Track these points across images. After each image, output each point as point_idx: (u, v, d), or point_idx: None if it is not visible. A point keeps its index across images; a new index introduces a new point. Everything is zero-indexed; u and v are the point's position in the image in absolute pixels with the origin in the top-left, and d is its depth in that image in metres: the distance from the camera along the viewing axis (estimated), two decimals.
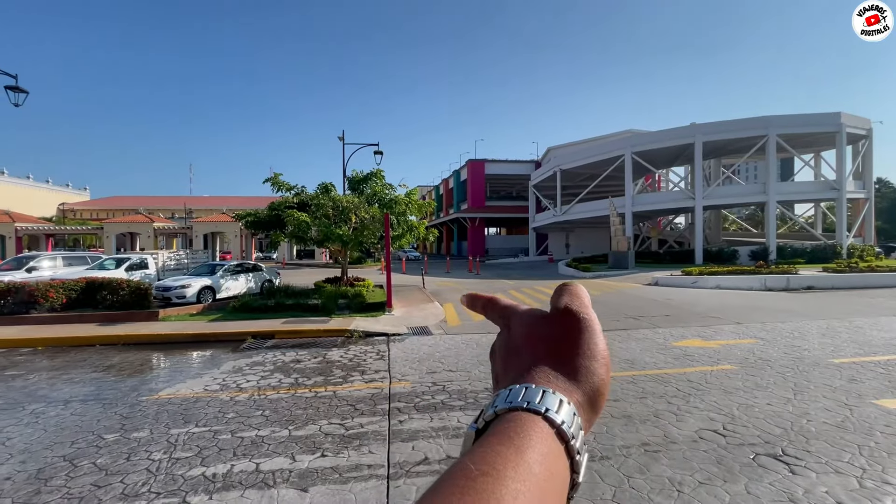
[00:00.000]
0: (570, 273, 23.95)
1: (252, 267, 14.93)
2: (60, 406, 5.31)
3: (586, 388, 0.38)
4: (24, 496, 3.41)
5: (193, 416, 4.93)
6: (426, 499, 0.29)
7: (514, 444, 0.32)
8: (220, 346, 8.46)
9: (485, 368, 6.65)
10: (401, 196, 14.23)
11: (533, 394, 0.36)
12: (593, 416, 0.39)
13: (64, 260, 15.14)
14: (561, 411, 0.35)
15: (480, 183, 49.07)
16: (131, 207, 48.77)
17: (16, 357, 7.70)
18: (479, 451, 0.31)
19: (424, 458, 3.96)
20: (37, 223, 32.44)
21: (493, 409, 0.36)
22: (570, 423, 0.35)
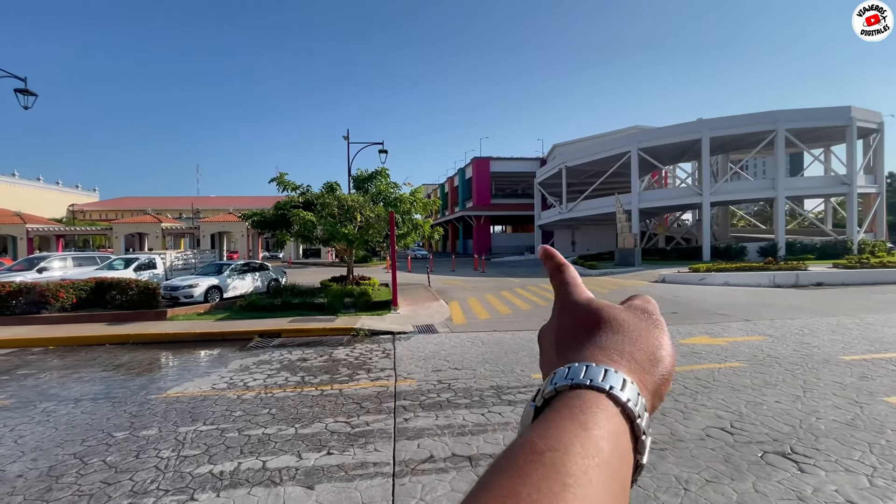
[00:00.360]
0: None
1: (258, 266, 15.02)
2: (71, 404, 5.38)
3: (652, 374, 0.38)
4: (36, 493, 3.46)
5: (201, 415, 4.98)
6: (493, 473, 0.28)
7: (580, 421, 0.31)
8: (227, 344, 8.53)
9: (490, 367, 6.65)
10: (405, 195, 14.24)
11: (595, 372, 0.35)
12: (657, 402, 0.39)
13: (74, 260, 15.34)
14: (625, 390, 0.34)
15: (486, 181, 48.97)
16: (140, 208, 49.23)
17: (28, 356, 7.82)
18: (544, 426, 0.31)
19: (430, 455, 3.97)
20: (47, 224, 32.91)
21: (554, 386, 0.36)
22: (634, 402, 0.34)
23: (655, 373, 0.38)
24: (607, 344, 0.39)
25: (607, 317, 0.42)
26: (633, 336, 0.40)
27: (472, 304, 12.71)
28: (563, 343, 0.42)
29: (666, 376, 0.39)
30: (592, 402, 0.33)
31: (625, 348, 0.39)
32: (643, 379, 0.37)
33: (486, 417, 4.78)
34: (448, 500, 3.25)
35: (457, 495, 3.30)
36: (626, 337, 0.40)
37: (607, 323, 0.41)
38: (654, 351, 0.39)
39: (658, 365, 0.39)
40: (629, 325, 0.41)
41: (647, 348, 0.39)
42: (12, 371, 6.88)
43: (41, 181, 58.80)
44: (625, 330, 0.40)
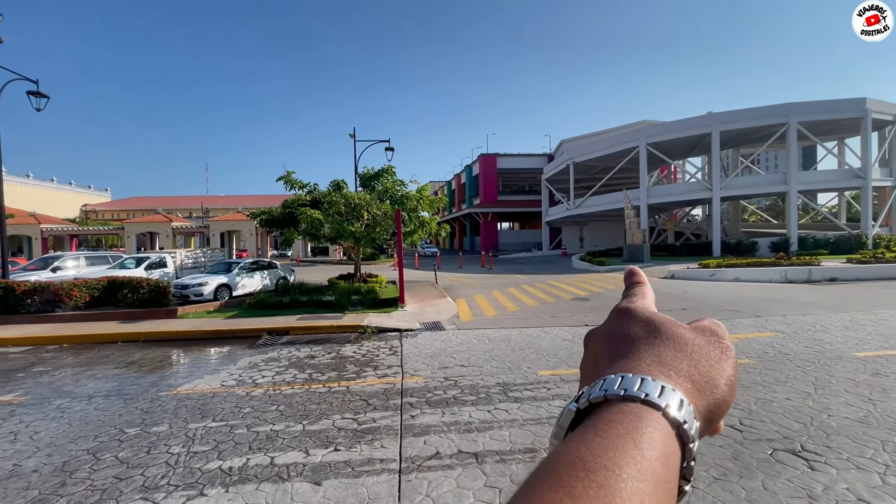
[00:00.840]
0: (583, 267, 23.72)
1: (267, 264, 15.14)
2: (84, 401, 5.47)
3: (708, 399, 0.36)
4: (51, 488, 3.54)
5: (210, 411, 5.04)
6: (535, 485, 0.27)
7: (633, 439, 0.29)
8: (236, 342, 8.62)
9: (497, 363, 6.65)
10: (412, 192, 14.25)
11: (651, 386, 0.33)
12: (706, 430, 0.36)
13: (87, 260, 15.60)
14: (682, 410, 0.32)
15: (493, 177, 48.81)
16: (150, 208, 49.85)
17: (43, 354, 7.97)
18: (593, 438, 0.29)
19: (436, 452, 3.98)
20: (61, 224, 33.47)
21: (603, 393, 0.33)
22: (690, 425, 0.32)
23: (711, 398, 0.36)
24: (666, 359, 0.37)
25: (670, 332, 0.40)
26: (695, 357, 0.38)
27: (479, 301, 12.70)
28: (616, 350, 0.40)
29: (722, 404, 0.37)
30: (647, 419, 0.31)
31: (683, 367, 0.37)
32: (697, 402, 0.35)
33: (493, 414, 4.78)
34: (454, 496, 3.26)
35: (463, 491, 3.31)
36: (686, 356, 0.38)
37: (669, 338, 0.39)
38: (714, 376, 0.37)
39: (715, 390, 0.36)
40: (692, 345, 0.39)
41: (707, 371, 0.37)
42: (28, 368, 7.02)
43: (55, 182, 59.90)
44: (687, 348, 0.38)
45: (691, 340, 0.39)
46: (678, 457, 0.31)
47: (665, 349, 0.38)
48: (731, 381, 0.38)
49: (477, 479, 3.48)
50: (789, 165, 26.36)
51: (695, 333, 0.40)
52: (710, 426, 0.37)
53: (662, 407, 0.32)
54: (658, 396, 0.32)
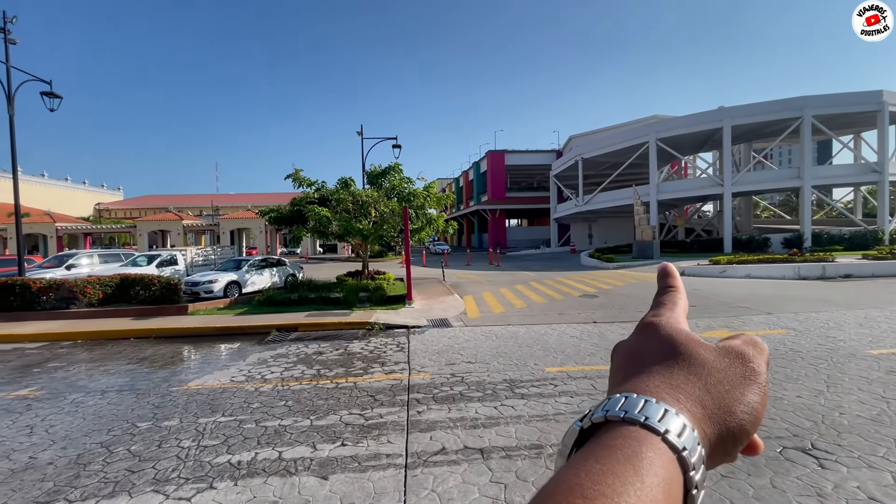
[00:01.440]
0: (592, 264, 23.57)
1: (276, 262, 15.27)
2: (98, 396, 5.58)
3: (720, 426, 0.34)
4: (65, 480, 3.62)
5: (220, 406, 5.11)
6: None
7: (633, 466, 0.28)
8: (246, 338, 8.72)
9: (504, 360, 6.64)
10: (419, 189, 14.25)
11: (653, 409, 0.32)
12: (721, 459, 0.35)
13: (100, 258, 15.87)
14: (683, 436, 0.31)
15: (501, 174, 48.67)
16: (161, 206, 50.54)
17: (58, 350, 8.14)
18: (593, 465, 0.28)
19: (442, 448, 4.00)
20: (75, 223, 34.09)
21: (604, 413, 0.33)
22: (692, 451, 0.31)
23: (724, 426, 0.34)
24: (677, 381, 0.35)
25: (687, 351, 0.38)
26: (711, 380, 0.36)
27: (486, 298, 12.69)
28: (630, 366, 0.39)
29: (738, 433, 0.34)
30: (646, 445, 0.30)
31: (695, 391, 0.35)
32: (706, 429, 0.34)
33: (499, 411, 4.78)
34: (459, 491, 3.28)
35: (468, 487, 3.33)
36: (701, 379, 0.36)
37: (685, 359, 0.37)
38: (729, 402, 0.35)
39: (729, 417, 0.34)
40: (710, 367, 0.37)
41: (721, 397, 0.35)
42: (43, 364, 7.17)
43: (69, 181, 61.12)
44: (703, 371, 0.36)
45: (710, 363, 0.37)
46: (680, 483, 0.30)
47: (678, 370, 0.36)
48: (755, 408, 0.35)
49: (482, 475, 3.49)
50: (803, 160, 25.90)
51: (717, 355, 0.38)
52: (726, 454, 0.35)
53: (661, 432, 0.31)
54: (658, 420, 0.32)
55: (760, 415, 0.36)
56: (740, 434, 0.35)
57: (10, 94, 10.42)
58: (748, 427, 0.35)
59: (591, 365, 6.34)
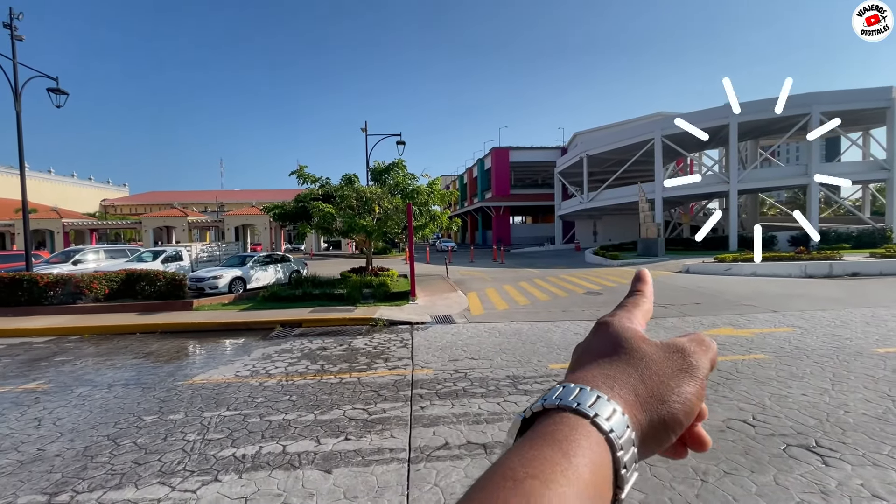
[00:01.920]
0: (596, 261, 23.50)
1: (280, 258, 15.33)
2: (105, 389, 5.64)
3: (653, 413, 0.37)
4: (73, 472, 3.66)
5: (225, 401, 5.15)
6: (471, 498, 0.29)
7: (562, 449, 0.31)
8: (250, 334, 8.77)
9: (507, 357, 6.65)
10: (423, 186, 14.25)
11: (586, 396, 0.35)
12: (653, 446, 0.37)
13: (106, 253, 15.99)
14: (612, 420, 0.34)
15: (505, 171, 48.56)
16: (167, 202, 50.81)
17: (65, 344, 8.22)
18: (528, 453, 0.31)
19: (445, 443, 4.01)
20: (81, 219, 34.34)
21: (542, 403, 0.36)
22: (619, 434, 0.34)
23: (656, 413, 0.37)
24: (613, 372, 0.39)
25: (629, 346, 0.41)
26: (647, 372, 0.39)
27: (490, 295, 12.70)
28: (578, 360, 0.42)
29: (670, 421, 0.37)
30: (577, 429, 0.33)
31: (630, 381, 0.38)
32: (638, 415, 0.36)
33: (502, 406, 4.79)
34: (462, 485, 3.29)
35: (471, 481, 3.32)
36: (637, 370, 0.39)
37: (626, 352, 0.40)
38: (663, 392, 0.38)
39: (661, 406, 0.37)
40: (648, 360, 0.40)
41: (655, 386, 0.38)
42: (51, 357, 7.24)
43: (75, 177, 61.65)
44: (641, 363, 0.39)
45: (649, 356, 0.40)
46: (609, 465, 0.33)
47: (617, 363, 0.39)
48: (688, 399, 0.38)
49: (485, 469, 3.51)
50: (810, 157, 25.66)
51: (658, 349, 0.41)
52: (658, 441, 0.37)
53: (591, 416, 0.34)
54: (589, 406, 0.34)
55: (695, 405, 0.38)
56: (671, 421, 0.37)
57: (17, 91, 10.50)
58: (680, 416, 0.37)
59: None
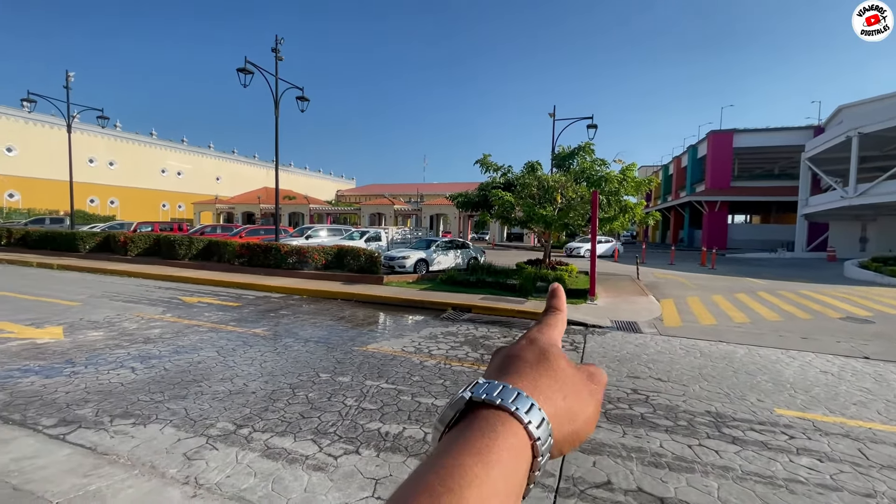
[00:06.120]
0: (864, 277, 17.09)
1: (461, 244, 15.97)
2: (301, 343, 6.55)
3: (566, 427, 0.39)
4: (258, 410, 4.19)
5: (386, 373, 5.31)
6: None
7: (483, 459, 0.31)
8: (423, 312, 9.19)
9: (709, 386, 5.11)
10: (613, 173, 12.59)
11: (523, 401, 0.36)
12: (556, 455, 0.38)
13: (328, 231, 19.61)
14: (540, 428, 0.35)
15: (725, 159, 40.24)
16: (380, 193, 59.95)
17: (290, 301, 10.11)
18: (448, 462, 0.31)
19: (607, 480, 3.15)
20: (322, 205, 43.59)
21: (470, 394, 0.37)
22: (543, 441, 0.35)
23: (568, 428, 0.39)
24: (542, 383, 0.39)
25: (556, 363, 0.42)
26: (566, 390, 0.40)
27: (691, 305, 10.43)
28: (507, 366, 0.42)
29: (575, 436, 0.40)
30: (506, 431, 0.34)
31: (555, 394, 0.39)
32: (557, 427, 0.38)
33: (695, 452, 3.57)
34: None
35: None
36: (560, 387, 0.40)
37: (552, 369, 0.41)
38: (576, 410, 0.40)
39: (573, 422, 0.39)
40: (569, 378, 0.41)
41: (573, 404, 0.40)
42: (278, 311, 8.95)
43: (320, 172, 79.75)
44: (562, 381, 0.41)
45: (569, 375, 0.41)
46: (527, 467, 0.34)
47: (545, 375, 0.40)
48: (590, 419, 0.41)
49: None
50: None
51: (575, 370, 0.43)
52: (561, 451, 0.39)
53: (525, 422, 0.35)
54: (525, 412, 0.36)
55: (593, 426, 0.42)
56: (576, 437, 0.40)
57: (277, 100, 13.53)
58: (583, 433, 0.40)
59: (858, 419, 4.30)
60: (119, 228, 23.21)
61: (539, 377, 0.40)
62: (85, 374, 5.00)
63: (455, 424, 0.36)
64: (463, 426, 0.35)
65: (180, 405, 4.25)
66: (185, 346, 6.16)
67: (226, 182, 63.37)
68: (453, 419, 0.36)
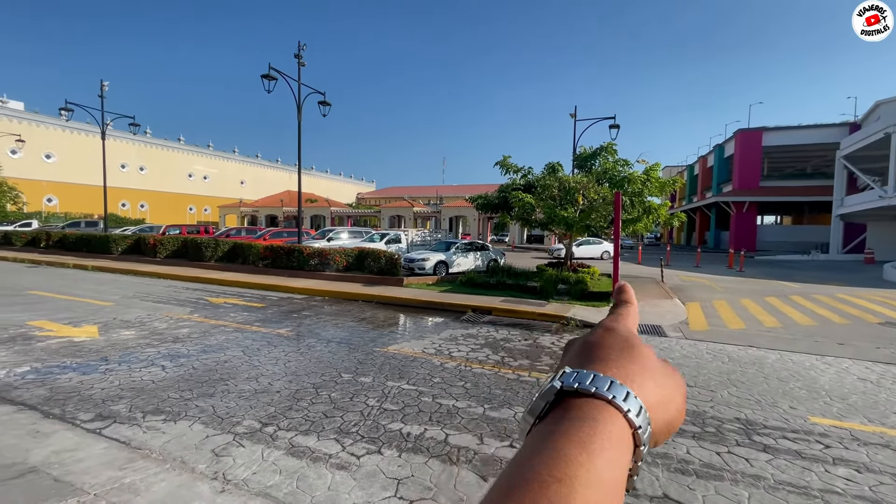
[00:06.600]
0: None
1: (480, 246, 15.92)
2: (324, 343, 6.64)
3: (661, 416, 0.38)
4: (282, 409, 4.27)
5: (406, 374, 5.34)
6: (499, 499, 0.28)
7: (587, 449, 0.31)
8: (444, 314, 9.19)
9: (738, 392, 4.96)
10: (636, 173, 12.36)
11: (618, 389, 0.35)
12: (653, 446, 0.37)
13: (349, 233, 19.91)
14: (640, 417, 0.34)
15: (754, 158, 39.02)
16: (399, 196, 60.37)
17: (312, 302, 10.28)
18: (551, 451, 0.30)
19: (631, 486, 3.07)
20: (342, 207, 44.26)
21: (560, 383, 0.36)
22: (636, 412, 0.34)
23: (664, 416, 0.38)
24: (633, 373, 0.38)
25: (642, 353, 0.41)
26: (659, 380, 0.39)
27: (718, 309, 10.14)
28: (588, 354, 0.41)
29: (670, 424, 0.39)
30: (605, 421, 0.33)
31: (648, 383, 0.38)
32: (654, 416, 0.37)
33: (724, 460, 3.47)
34: None
35: None
36: (651, 376, 0.39)
37: (640, 357, 0.40)
38: (668, 399, 0.39)
39: (668, 410, 0.39)
40: (657, 369, 0.40)
41: (666, 394, 0.39)
42: (300, 311, 9.10)
43: (341, 175, 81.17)
44: (652, 370, 0.40)
45: (657, 366, 0.41)
46: (629, 456, 0.33)
47: (634, 363, 0.39)
48: (681, 408, 0.41)
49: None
50: None
51: (661, 362, 0.42)
52: (657, 441, 0.38)
53: (625, 410, 0.34)
54: (606, 389, 0.35)
55: (682, 416, 0.41)
56: (671, 425, 0.39)
57: (300, 105, 13.81)
58: (676, 422, 0.40)
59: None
60: (149, 231, 24.06)
61: (629, 364, 0.39)
62: (119, 372, 5.20)
63: (545, 416, 0.35)
64: (557, 416, 0.34)
65: (208, 403, 4.36)
66: (212, 346, 6.33)
67: (250, 185, 65.02)
68: (544, 410, 0.35)
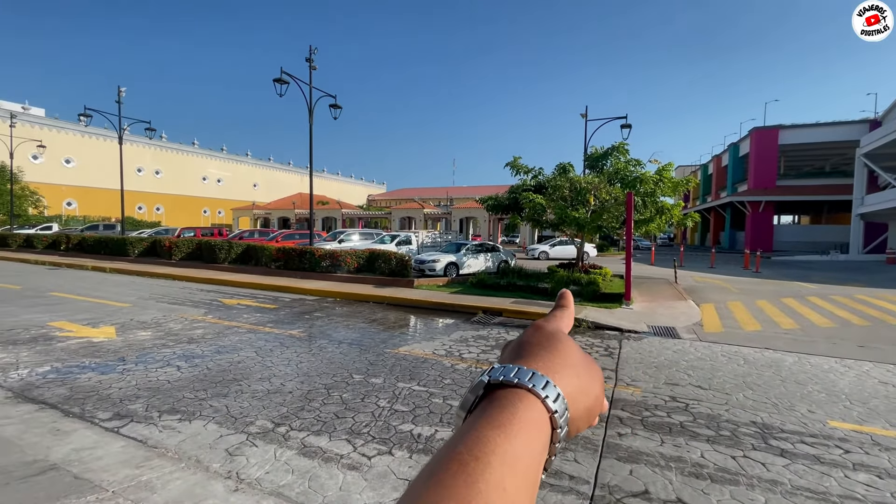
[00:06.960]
0: None
1: (491, 247, 15.89)
2: (335, 344, 6.69)
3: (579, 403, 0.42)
4: (294, 409, 4.31)
5: (417, 375, 5.35)
6: (423, 480, 0.31)
7: (505, 432, 0.34)
8: (455, 315, 9.19)
9: (754, 395, 4.87)
10: (649, 173, 12.23)
11: (524, 373, 0.39)
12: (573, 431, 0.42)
13: (360, 235, 20.04)
14: (557, 402, 0.38)
15: (770, 156, 38.32)
16: (410, 197, 60.56)
17: (324, 303, 10.35)
18: (474, 436, 0.34)
19: (644, 490, 3.05)
20: (353, 209, 44.44)
21: (500, 378, 0.39)
22: (554, 398, 0.38)
23: (582, 404, 0.42)
24: (555, 364, 0.42)
25: (565, 346, 0.45)
26: (577, 370, 0.43)
27: (733, 310, 9.97)
28: (516, 351, 0.45)
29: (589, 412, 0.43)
30: (525, 407, 0.37)
31: (568, 373, 0.42)
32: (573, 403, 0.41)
33: (739, 464, 3.41)
34: None
35: None
36: (571, 367, 0.43)
37: (562, 351, 0.44)
38: (587, 388, 0.43)
39: (586, 399, 0.43)
40: (578, 361, 0.44)
41: (585, 383, 0.43)
42: (312, 313, 9.18)
43: (352, 178, 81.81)
44: (572, 362, 0.44)
45: (579, 357, 0.45)
46: (547, 439, 0.37)
47: (556, 357, 0.43)
48: (600, 397, 0.45)
49: None
50: None
51: (582, 354, 0.46)
52: (577, 427, 0.43)
53: (543, 396, 0.38)
54: (542, 388, 0.38)
55: (602, 404, 0.45)
56: (589, 413, 0.43)
57: (311, 108, 13.95)
58: (594, 410, 0.44)
59: None
60: (164, 234, 24.50)
61: (551, 358, 0.43)
62: (135, 372, 5.30)
63: (474, 409, 0.38)
64: (484, 405, 0.37)
65: (222, 403, 4.42)
66: (225, 347, 6.42)
67: (262, 188, 65.84)
68: (474, 403, 0.39)
